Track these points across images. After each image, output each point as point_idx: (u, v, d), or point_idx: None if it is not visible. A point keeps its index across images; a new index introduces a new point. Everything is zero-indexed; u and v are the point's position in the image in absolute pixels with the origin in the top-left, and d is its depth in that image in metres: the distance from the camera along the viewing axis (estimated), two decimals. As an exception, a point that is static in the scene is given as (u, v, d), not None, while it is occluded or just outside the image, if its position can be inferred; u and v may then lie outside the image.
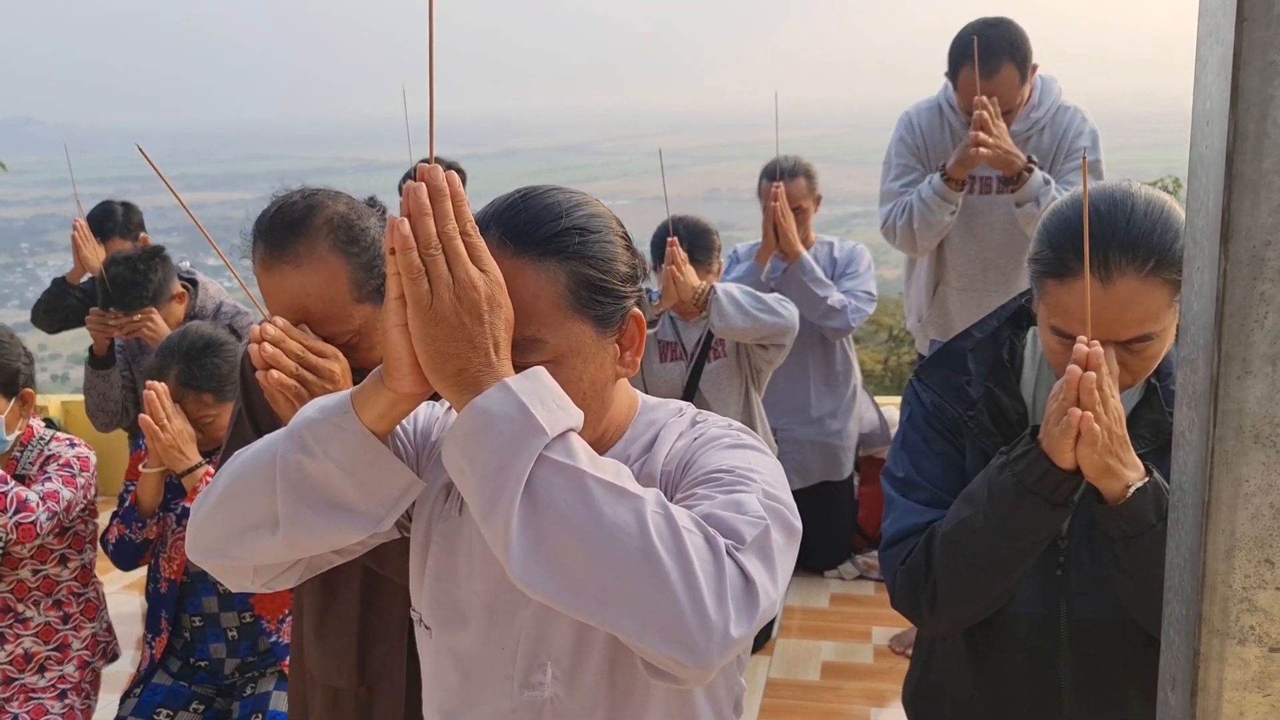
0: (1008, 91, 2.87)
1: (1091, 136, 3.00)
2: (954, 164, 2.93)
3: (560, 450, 0.95)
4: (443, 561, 1.21)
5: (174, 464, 2.39)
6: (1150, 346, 1.42)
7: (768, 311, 2.97)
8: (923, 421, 1.61)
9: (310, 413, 1.08)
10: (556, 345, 1.07)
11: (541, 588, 0.93)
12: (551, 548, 0.93)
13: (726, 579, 0.93)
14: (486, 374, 0.97)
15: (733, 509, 1.00)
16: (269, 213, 1.54)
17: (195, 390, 2.45)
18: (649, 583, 0.91)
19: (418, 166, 0.99)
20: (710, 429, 1.16)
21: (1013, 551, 1.44)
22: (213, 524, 1.13)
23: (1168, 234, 1.38)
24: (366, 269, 1.55)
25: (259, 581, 1.17)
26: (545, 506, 0.93)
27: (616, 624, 0.93)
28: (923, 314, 3.31)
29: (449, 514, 1.21)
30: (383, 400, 1.05)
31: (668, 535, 0.92)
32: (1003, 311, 1.65)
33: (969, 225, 3.10)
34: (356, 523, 1.08)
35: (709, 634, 0.91)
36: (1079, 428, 1.32)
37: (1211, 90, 0.82)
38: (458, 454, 0.97)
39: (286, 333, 1.48)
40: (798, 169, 3.64)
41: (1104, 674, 1.52)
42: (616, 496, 0.93)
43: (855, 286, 3.67)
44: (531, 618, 1.16)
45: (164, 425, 2.34)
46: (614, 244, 1.12)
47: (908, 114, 3.20)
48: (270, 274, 1.52)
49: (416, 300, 0.96)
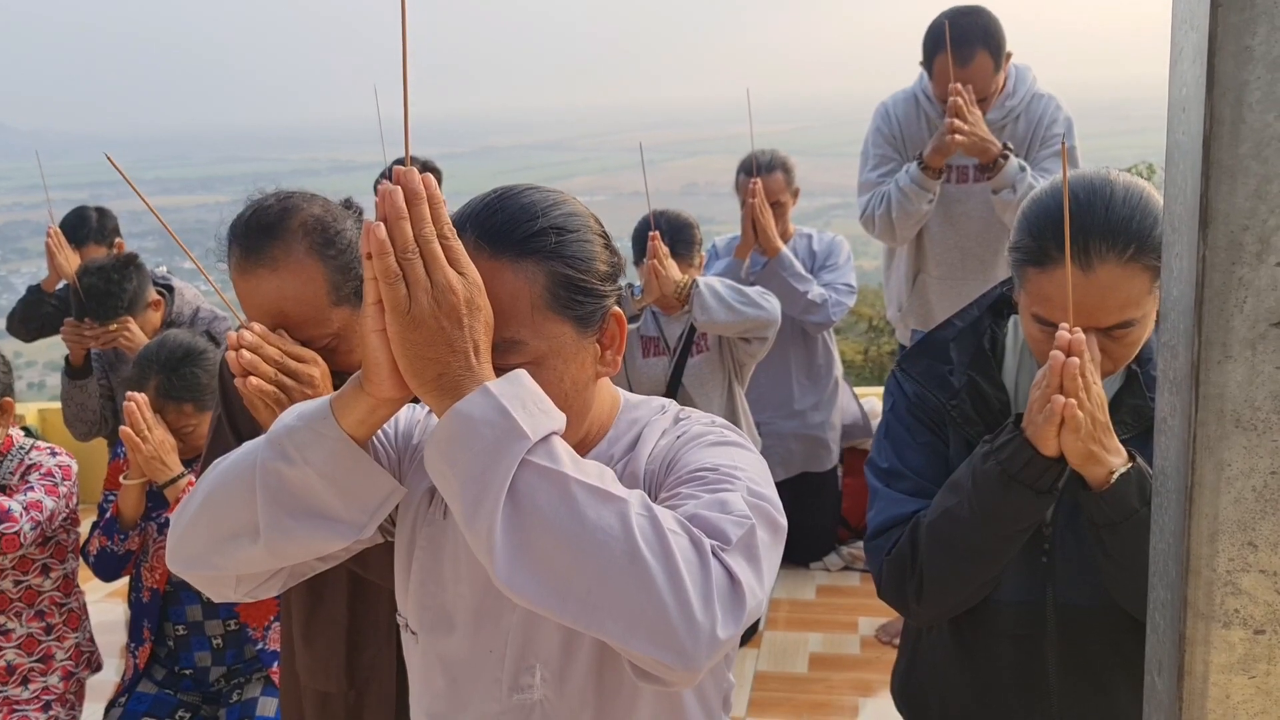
0: (982, 79, 2.88)
1: (1066, 124, 3.01)
2: (930, 152, 2.94)
3: (543, 454, 0.94)
4: (428, 566, 1.20)
5: (156, 475, 2.37)
6: (1131, 333, 1.43)
7: (750, 304, 2.97)
8: (905, 411, 1.61)
9: (289, 420, 1.07)
10: (536, 347, 1.06)
11: (526, 592, 0.92)
12: (536, 552, 0.92)
13: (713, 580, 0.93)
14: (467, 378, 0.97)
15: (717, 509, 1.00)
16: (244, 216, 1.53)
17: (175, 400, 2.43)
18: (634, 586, 0.91)
19: (392, 169, 0.98)
20: (693, 427, 1.16)
21: (998, 539, 1.44)
22: (193, 534, 1.11)
23: (1147, 220, 1.39)
24: (343, 271, 1.54)
25: (242, 591, 1.16)
26: (529, 511, 0.92)
27: (602, 627, 0.92)
28: (903, 304, 3.32)
29: (433, 518, 1.20)
30: (362, 406, 1.04)
31: (652, 537, 0.92)
32: (983, 300, 1.65)
33: (947, 214, 3.11)
34: (338, 530, 1.07)
35: (696, 636, 0.91)
36: (1063, 414, 1.33)
37: (1187, 77, 0.82)
38: (439, 459, 0.96)
39: (264, 338, 1.47)
40: (775, 163, 3.63)
41: (1091, 659, 1.52)
42: (600, 500, 0.93)
43: (835, 279, 3.67)
44: (519, 621, 1.15)
45: (145, 436, 2.32)
46: (592, 243, 1.11)
47: (884, 104, 3.20)
48: (246, 278, 1.51)
49: (394, 305, 0.95)
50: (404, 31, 0.97)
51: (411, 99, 0.98)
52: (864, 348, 10.89)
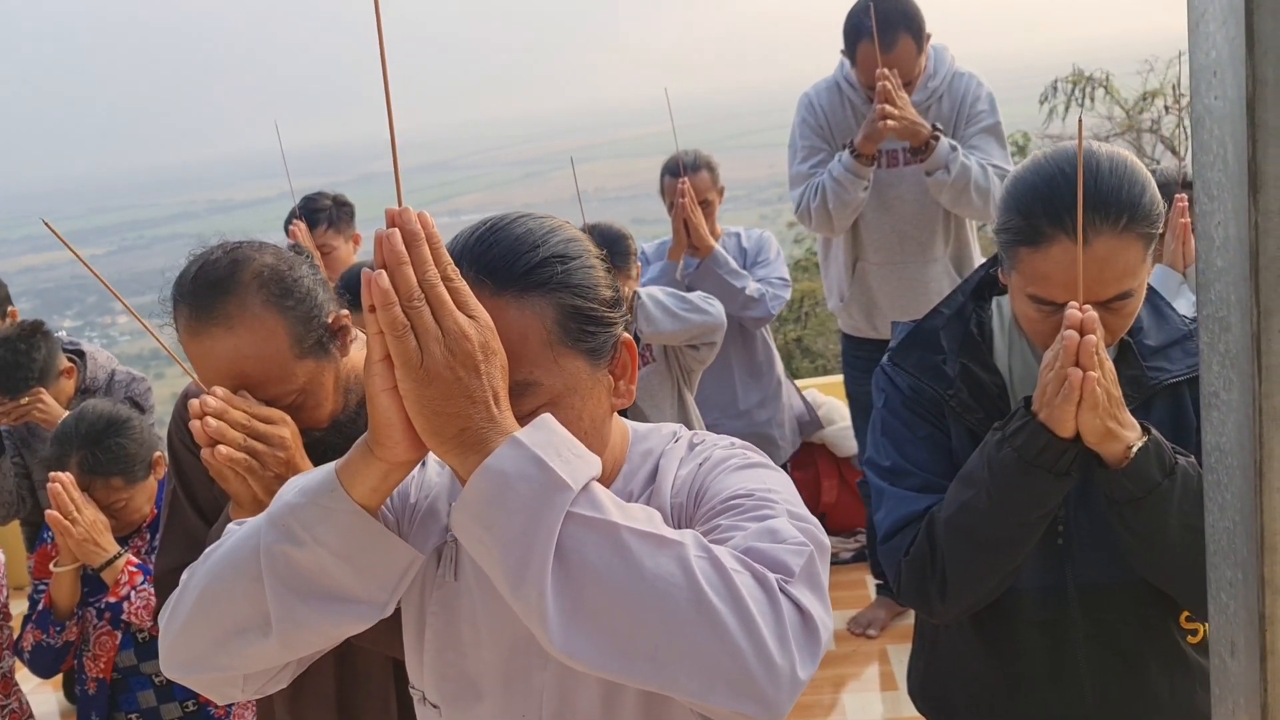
0: (906, 63, 2.87)
1: (989, 100, 3.03)
2: (862, 139, 2.93)
3: (586, 504, 0.86)
4: (443, 632, 1.11)
5: (90, 558, 2.21)
6: (1129, 304, 1.42)
7: (695, 310, 2.92)
8: (901, 406, 1.57)
9: (290, 496, 0.97)
10: (552, 386, 0.98)
11: (587, 657, 0.85)
12: (593, 613, 0.84)
13: (785, 618, 0.87)
14: (491, 430, 0.88)
15: (769, 538, 0.93)
16: (189, 273, 1.40)
17: (103, 476, 2.27)
18: (705, 635, 0.84)
19: (386, 211, 0.88)
20: (714, 451, 1.10)
21: (1020, 527, 1.41)
22: (191, 635, 1.00)
23: (1135, 188, 1.37)
24: (305, 322, 1.42)
25: (250, 689, 1.05)
26: (580, 568, 0.84)
27: (674, 684, 0.85)
28: (844, 293, 3.30)
29: (443, 580, 1.11)
30: (374, 473, 0.94)
31: (716, 580, 0.85)
32: (966, 286, 1.63)
33: (881, 199, 3.10)
34: (358, 613, 0.98)
35: (777, 680, 0.85)
36: (1082, 391, 1.30)
37: (1216, 39, 0.79)
38: (473, 523, 0.87)
39: (228, 402, 1.35)
40: (699, 162, 3.59)
41: (1119, 638, 1.50)
42: (655, 546, 0.86)
43: (769, 274, 3.64)
44: (552, 679, 1.07)
45: (75, 518, 2.16)
46: (595, 268, 1.04)
47: (807, 95, 3.18)
48: (199, 339, 1.38)
49: (405, 359, 0.86)
50: (382, 53, 0.87)
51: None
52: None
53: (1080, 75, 11.96)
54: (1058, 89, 11.98)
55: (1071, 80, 11.96)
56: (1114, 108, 12.05)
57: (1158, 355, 1.49)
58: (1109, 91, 11.96)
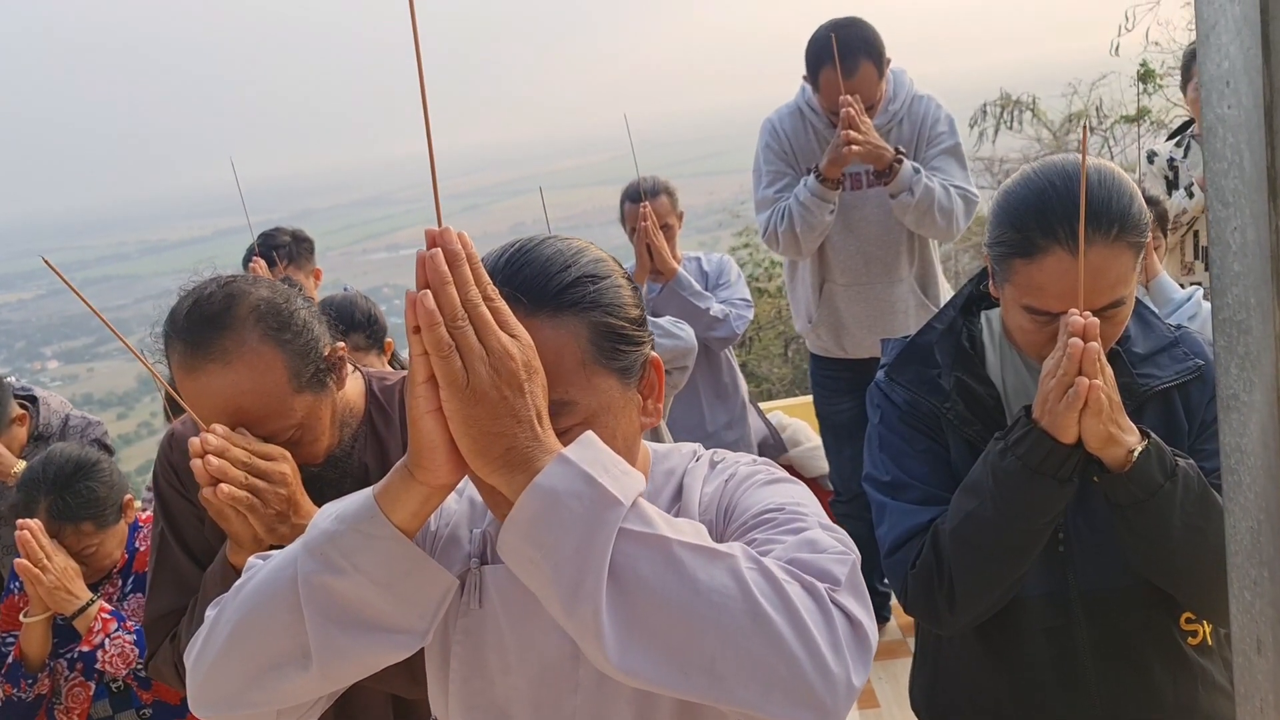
0: (868, 88, 2.92)
1: (949, 121, 3.10)
2: (827, 164, 2.97)
3: (636, 520, 0.86)
4: (469, 661, 1.10)
5: (62, 607, 2.13)
6: (1120, 311, 1.45)
7: (666, 335, 2.92)
8: (899, 421, 1.59)
9: (327, 524, 0.95)
10: (587, 405, 0.98)
11: (644, 673, 0.85)
12: (649, 628, 0.84)
13: (837, 626, 0.88)
14: (536, 449, 0.88)
15: (809, 549, 0.94)
16: (183, 308, 1.37)
17: (72, 521, 2.20)
18: (762, 645, 0.85)
19: (426, 231, 0.88)
20: (738, 468, 1.11)
21: (1026, 535, 1.43)
22: (224, 671, 0.98)
23: (1124, 199, 1.41)
24: (302, 355, 1.40)
25: None
26: (634, 584, 0.84)
27: (733, 696, 0.85)
28: (812, 314, 3.33)
29: (468, 608, 1.10)
30: (415, 497, 0.94)
31: (769, 590, 0.86)
32: (956, 300, 1.65)
33: (845, 221, 3.14)
34: (398, 642, 0.97)
35: (833, 688, 0.86)
36: (1086, 397, 1.32)
37: (1229, 49, 0.81)
38: (523, 543, 0.86)
39: (229, 440, 1.31)
40: (658, 187, 3.62)
41: (1122, 640, 1.52)
42: (707, 559, 0.86)
43: (731, 295, 3.67)
44: (584, 703, 1.06)
45: (45, 566, 2.09)
46: (623, 287, 1.05)
47: (769, 120, 3.22)
48: (194, 376, 1.35)
49: (450, 380, 0.86)
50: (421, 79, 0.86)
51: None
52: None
53: (1008, 99, 12.26)
54: (986, 112, 12.26)
55: (1000, 104, 12.25)
56: (1041, 130, 12.37)
57: (1146, 362, 1.52)
58: (1035, 114, 12.26)
